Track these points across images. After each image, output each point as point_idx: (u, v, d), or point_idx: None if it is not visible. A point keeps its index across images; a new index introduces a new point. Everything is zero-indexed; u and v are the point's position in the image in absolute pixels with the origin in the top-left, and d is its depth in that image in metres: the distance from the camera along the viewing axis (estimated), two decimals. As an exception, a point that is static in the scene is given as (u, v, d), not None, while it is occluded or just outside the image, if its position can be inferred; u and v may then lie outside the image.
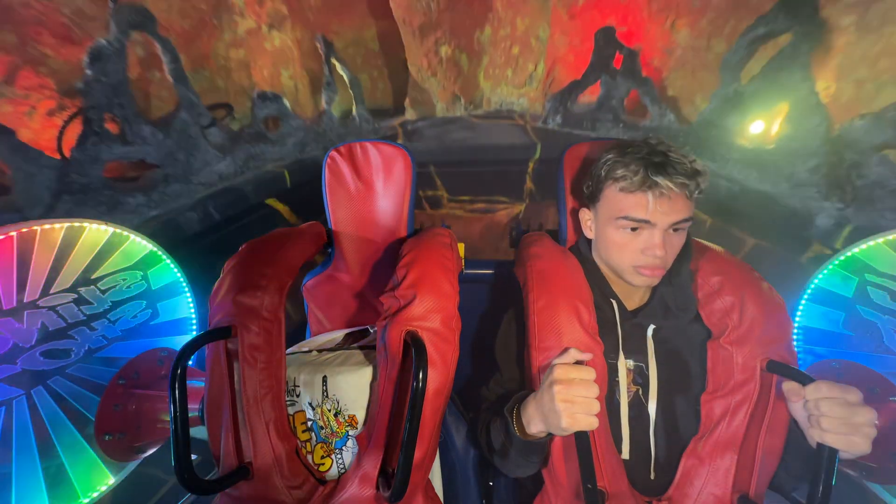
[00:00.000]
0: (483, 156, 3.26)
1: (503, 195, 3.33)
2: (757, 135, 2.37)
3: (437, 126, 3.61)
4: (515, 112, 3.81)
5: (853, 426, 0.56)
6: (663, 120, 2.80)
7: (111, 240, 1.30)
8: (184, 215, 2.14)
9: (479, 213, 3.39)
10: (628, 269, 0.78)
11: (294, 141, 2.96)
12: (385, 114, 3.86)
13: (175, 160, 2.24)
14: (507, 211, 3.38)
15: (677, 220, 0.73)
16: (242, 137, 2.67)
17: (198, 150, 2.35)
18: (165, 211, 2.12)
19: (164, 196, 2.17)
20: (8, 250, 1.12)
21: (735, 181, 2.28)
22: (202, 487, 0.66)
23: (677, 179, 0.71)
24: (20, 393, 1.11)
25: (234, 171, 2.57)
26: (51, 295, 1.17)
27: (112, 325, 1.29)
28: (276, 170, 2.76)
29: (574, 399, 0.59)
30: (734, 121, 2.38)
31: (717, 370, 0.74)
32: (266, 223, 2.72)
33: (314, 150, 3.08)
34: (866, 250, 1.21)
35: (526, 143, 3.22)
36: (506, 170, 3.19)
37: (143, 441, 1.18)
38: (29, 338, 1.13)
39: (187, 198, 2.24)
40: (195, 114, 2.33)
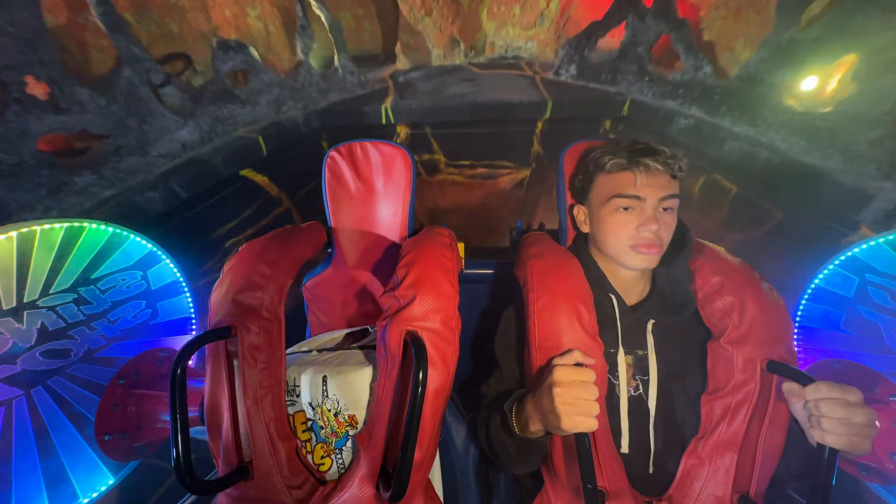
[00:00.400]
0: (485, 115, 2.90)
1: (507, 159, 3.01)
2: (810, 94, 1.91)
3: (432, 77, 3.17)
4: (523, 59, 3.29)
5: (853, 426, 0.56)
6: (698, 73, 2.39)
7: (111, 240, 1.30)
8: (143, 195, 1.85)
9: (481, 178, 3.09)
10: (626, 251, 0.79)
11: (268, 99, 2.57)
12: (373, 62, 3.30)
13: (126, 128, 1.86)
14: (512, 176, 3.07)
15: (665, 194, 0.77)
16: (205, 97, 2.24)
17: (152, 116, 1.96)
18: (122, 190, 1.82)
19: (118, 173, 1.84)
20: (8, 250, 1.11)
21: (777, 151, 1.96)
22: (202, 487, 0.66)
23: (660, 158, 0.77)
24: (20, 393, 1.11)
25: (200, 138, 2.21)
26: (51, 295, 1.17)
27: (112, 325, 1.29)
28: (249, 136, 2.45)
29: (574, 402, 0.60)
30: (784, 76, 1.94)
31: (718, 370, 0.74)
32: (243, 197, 2.51)
33: (292, 109, 2.72)
34: (866, 250, 1.21)
35: (535, 99, 2.85)
36: (511, 131, 2.91)
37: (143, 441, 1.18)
38: (29, 338, 1.13)
39: (146, 173, 1.93)
40: (141, 70, 1.88)
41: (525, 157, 3.03)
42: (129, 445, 1.16)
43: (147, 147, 1.98)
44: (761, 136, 2.06)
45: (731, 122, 2.23)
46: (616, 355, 0.79)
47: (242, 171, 2.40)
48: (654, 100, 2.66)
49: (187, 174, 2.06)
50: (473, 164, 3.06)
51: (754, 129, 2.08)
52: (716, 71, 2.37)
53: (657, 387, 0.76)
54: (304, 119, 2.73)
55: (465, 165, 3.07)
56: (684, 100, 2.51)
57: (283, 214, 2.79)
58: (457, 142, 3.01)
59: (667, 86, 2.54)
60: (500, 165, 3.04)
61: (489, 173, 3.07)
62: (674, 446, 0.75)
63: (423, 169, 3.06)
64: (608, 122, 2.92)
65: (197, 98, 2.23)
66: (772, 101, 2.01)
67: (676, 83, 2.47)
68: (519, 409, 0.70)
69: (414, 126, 2.95)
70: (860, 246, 1.21)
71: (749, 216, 2.15)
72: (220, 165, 2.24)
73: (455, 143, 3.01)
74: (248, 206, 2.56)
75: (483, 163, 3.05)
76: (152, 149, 2.01)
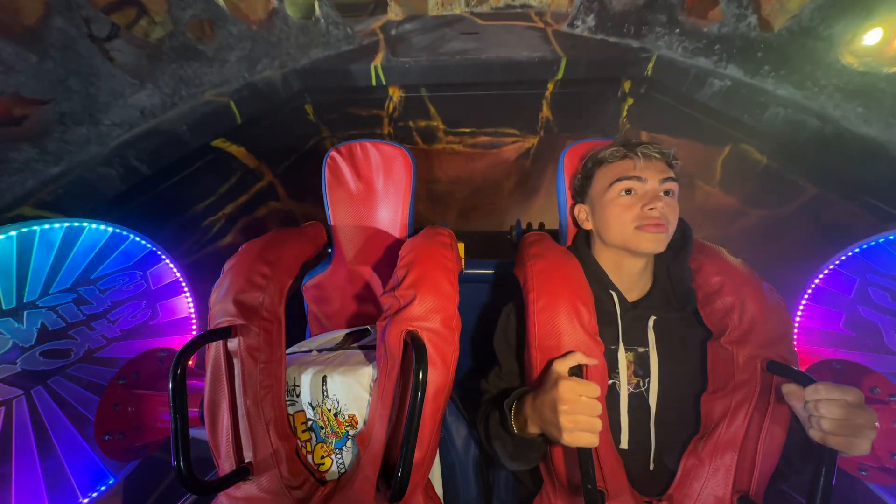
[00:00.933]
0: (489, 75, 2.55)
1: (512, 126, 2.70)
2: (873, 51, 1.54)
3: (429, 30, 2.72)
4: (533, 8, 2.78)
5: (853, 427, 0.56)
6: (739, 24, 1.95)
7: (111, 240, 1.30)
8: (97, 171, 1.57)
9: (483, 148, 2.78)
10: (632, 234, 0.79)
11: (238, 56, 2.15)
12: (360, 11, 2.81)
13: (69, 92, 1.53)
14: (517, 145, 2.77)
15: (665, 176, 0.79)
16: (164, 53, 1.84)
17: (98, 76, 1.60)
18: (71, 166, 1.54)
19: (65, 145, 1.53)
20: (8, 250, 1.11)
21: (828, 119, 1.64)
22: (202, 487, 0.66)
23: (655, 147, 0.81)
24: (20, 393, 1.11)
25: (161, 104, 1.85)
26: (51, 295, 1.17)
27: (112, 325, 1.29)
28: (219, 100, 2.06)
29: (578, 420, 0.60)
30: (842, 28, 1.56)
31: (718, 370, 0.74)
32: (218, 171, 2.21)
33: (268, 68, 2.32)
34: (866, 250, 1.21)
35: (546, 56, 2.48)
36: (517, 94, 2.59)
37: (143, 441, 1.18)
38: (29, 338, 1.13)
39: (99, 145, 1.62)
40: (77, 18, 1.52)
41: (532, 123, 2.67)
42: (129, 445, 1.16)
43: (97, 114, 1.62)
44: (810, 101, 1.71)
45: (774, 84, 1.87)
46: (617, 352, 0.79)
47: (214, 141, 2.07)
48: (685, 56, 2.25)
49: (148, 146, 1.75)
50: (475, 132, 2.72)
51: (802, 92, 1.73)
52: (760, 22, 1.90)
53: (658, 383, 0.76)
54: (282, 80, 2.37)
55: (466, 133, 2.73)
56: (720, 57, 2.08)
57: (265, 189, 2.57)
58: (457, 106, 2.65)
59: (700, 39, 2.11)
60: (504, 133, 2.71)
61: (492, 142, 2.74)
62: (674, 443, 0.75)
63: (419, 138, 2.73)
64: (627, 84, 2.55)
65: (154, 55, 1.80)
66: (825, 60, 1.64)
67: (712, 37, 2.03)
68: (518, 408, 0.70)
69: (408, 88, 2.61)
70: (860, 246, 1.21)
71: (778, 192, 1.99)
72: (187, 135, 1.90)
73: (455, 107, 2.66)
74: (225, 180, 2.29)
75: (485, 130, 2.71)
76: (104, 116, 1.65)
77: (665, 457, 0.75)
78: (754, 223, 2.11)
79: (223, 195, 2.30)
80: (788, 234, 1.92)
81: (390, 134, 2.82)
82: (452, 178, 2.89)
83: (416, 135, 2.73)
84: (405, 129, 2.79)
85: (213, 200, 2.24)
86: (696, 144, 2.38)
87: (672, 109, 2.44)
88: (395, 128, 2.80)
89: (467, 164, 2.80)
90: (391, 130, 2.81)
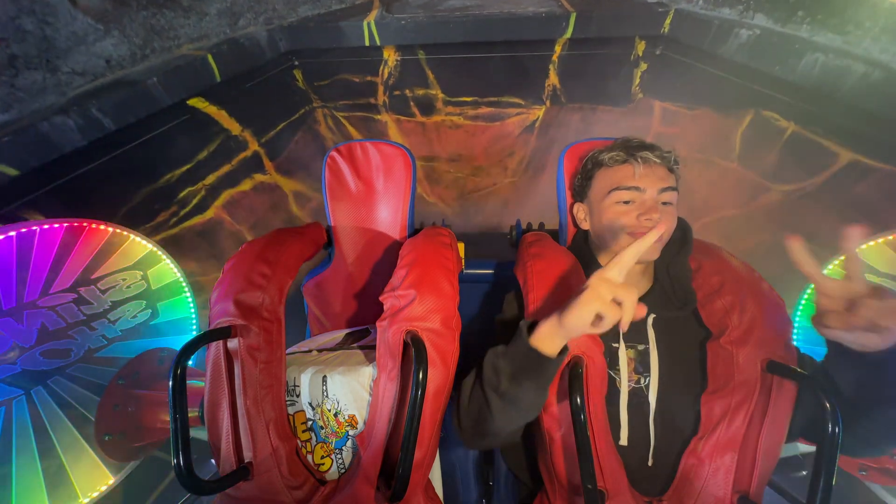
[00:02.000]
0: (491, 33, 2.28)
1: (517, 94, 2.48)
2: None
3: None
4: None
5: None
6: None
7: (111, 240, 1.30)
8: (52, 121, 1.39)
9: (485, 121, 2.57)
10: (626, 241, 0.79)
11: (219, 8, 1.99)
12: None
13: (20, 32, 1.37)
14: (521, 117, 2.55)
15: (664, 185, 0.79)
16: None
17: (55, 17, 1.44)
18: (21, 115, 1.40)
19: (15, 91, 1.39)
20: (8, 250, 1.11)
21: (876, 63, 1.44)
22: (202, 487, 0.66)
23: (655, 152, 0.81)
24: (20, 393, 1.11)
25: (130, 55, 1.67)
26: (51, 295, 1.17)
27: (112, 325, 1.29)
28: (197, 54, 1.87)
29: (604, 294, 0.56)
30: None
31: (717, 370, 0.74)
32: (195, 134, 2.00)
33: (252, 23, 2.16)
34: (866, 250, 1.21)
35: (553, 10, 2.24)
36: (522, 56, 2.37)
37: (143, 441, 1.18)
38: (29, 338, 1.13)
39: (57, 95, 1.46)
40: None
41: (538, 91, 2.46)
42: (129, 445, 1.16)
43: (56, 60, 1.45)
44: (853, 46, 1.54)
45: (809, 32, 1.68)
46: (617, 350, 0.79)
47: (190, 100, 1.84)
48: (707, 8, 2.08)
49: (113, 97, 1.55)
50: (476, 102, 2.51)
51: (843, 37, 1.55)
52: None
53: (658, 380, 0.76)
54: (267, 38, 2.16)
55: (467, 103, 2.53)
56: (746, 6, 1.91)
57: (250, 161, 2.35)
58: (456, 71, 2.44)
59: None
60: (507, 103, 2.50)
61: (495, 113, 2.54)
62: (674, 440, 0.75)
63: (416, 108, 2.53)
64: (641, 46, 2.32)
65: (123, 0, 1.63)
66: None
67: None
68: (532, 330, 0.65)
69: (404, 50, 2.37)
70: (860, 246, 1.21)
71: (805, 163, 1.81)
72: (159, 89, 1.69)
73: (454, 72, 2.45)
74: (204, 145, 2.10)
75: (487, 99, 2.50)
76: (63, 63, 1.47)
77: (664, 454, 0.75)
78: (777, 199, 1.92)
79: (202, 163, 2.09)
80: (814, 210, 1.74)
81: (385, 104, 2.58)
82: (452, 154, 2.69)
83: (413, 105, 2.51)
84: (401, 99, 2.56)
85: (191, 168, 2.04)
86: (714, 116, 2.17)
87: (690, 73, 2.21)
88: (390, 97, 2.56)
89: (468, 140, 2.57)
90: (386, 100, 2.57)
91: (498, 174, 2.67)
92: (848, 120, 1.58)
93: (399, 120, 2.66)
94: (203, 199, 2.12)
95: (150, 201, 1.84)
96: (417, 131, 2.67)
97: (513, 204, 2.76)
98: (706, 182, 2.21)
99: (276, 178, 2.46)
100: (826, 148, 1.68)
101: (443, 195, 2.80)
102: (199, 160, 2.07)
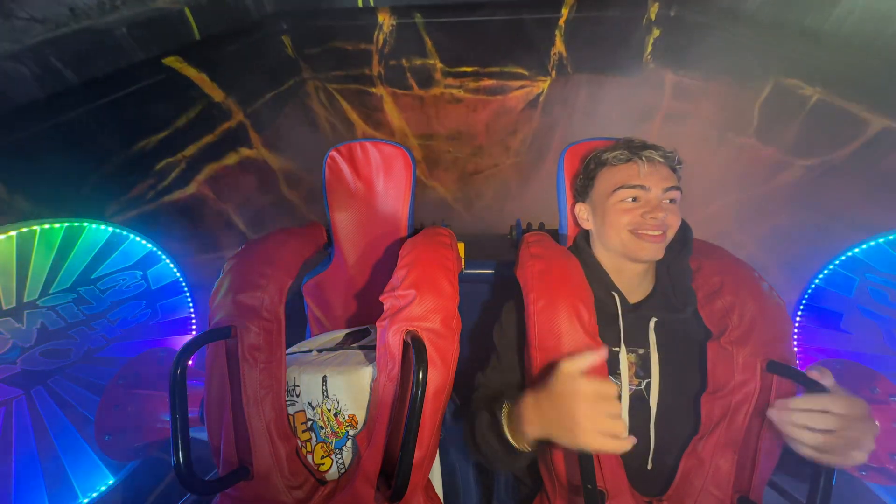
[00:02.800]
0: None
1: (520, 64, 2.31)
2: None
3: None
4: None
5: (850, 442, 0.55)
6: None
7: (111, 240, 1.30)
8: (2, 67, 1.25)
9: (486, 94, 2.41)
10: (630, 239, 0.79)
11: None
12: None
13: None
14: (525, 91, 2.40)
15: (669, 184, 0.79)
16: None
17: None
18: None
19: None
20: (8, 250, 1.11)
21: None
22: (202, 487, 0.66)
23: (659, 151, 0.82)
24: (20, 393, 1.11)
25: (97, 3, 1.51)
26: (51, 295, 1.17)
27: (112, 325, 1.29)
28: (172, 7, 1.69)
29: (600, 420, 0.57)
30: None
31: (718, 371, 0.74)
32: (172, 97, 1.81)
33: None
34: (866, 250, 1.21)
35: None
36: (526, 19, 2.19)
37: (143, 441, 1.18)
38: (29, 338, 1.13)
39: (11, 42, 1.30)
40: None
41: (543, 60, 2.28)
42: (129, 445, 1.16)
43: (9, 4, 1.29)
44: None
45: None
46: (619, 353, 0.79)
47: (166, 58, 1.67)
48: None
49: (77, 48, 1.36)
50: (478, 73, 2.34)
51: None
52: None
53: (659, 384, 0.76)
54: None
55: (468, 74, 2.36)
56: None
57: (235, 132, 2.14)
58: (455, 38, 2.27)
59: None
60: (510, 74, 2.33)
61: (497, 86, 2.38)
62: (674, 443, 0.75)
63: (413, 80, 2.36)
64: (655, 8, 2.18)
65: None
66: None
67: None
68: (513, 412, 0.68)
69: (400, 13, 2.24)
70: (860, 246, 1.21)
71: (830, 133, 1.66)
72: (128, 41, 1.51)
73: (453, 39, 2.28)
74: (182, 112, 1.90)
75: (489, 70, 2.33)
76: (18, 8, 1.30)
77: (664, 457, 0.75)
78: (799, 176, 1.78)
79: (181, 131, 1.91)
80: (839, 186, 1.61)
81: (381, 75, 2.41)
82: (452, 132, 2.54)
83: (410, 76, 2.36)
84: (398, 70, 2.40)
85: (169, 135, 1.86)
86: (730, 88, 2.04)
87: (705, 38, 2.07)
88: (386, 67, 2.39)
89: (469, 116, 2.43)
90: (382, 71, 2.41)
91: (499, 154, 2.50)
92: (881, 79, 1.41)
93: (395, 93, 2.49)
94: (184, 173, 1.95)
95: (123, 170, 1.67)
96: (415, 106, 2.51)
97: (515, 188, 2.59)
98: (720, 161, 2.09)
99: (263, 153, 2.29)
100: (854, 115, 1.53)
101: (442, 178, 2.64)
102: (177, 127, 1.90)
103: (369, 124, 2.54)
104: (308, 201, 2.37)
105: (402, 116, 2.52)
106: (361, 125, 2.51)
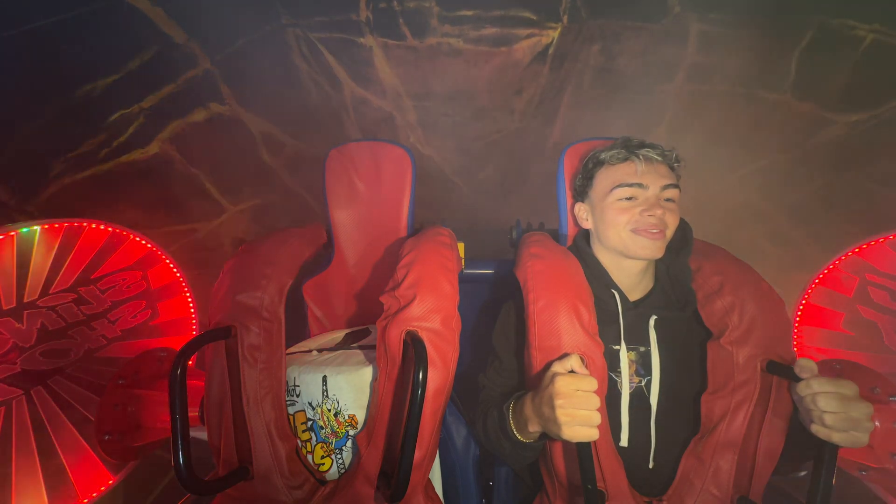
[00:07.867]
0: None
1: (527, 7, 2.03)
2: None
3: None
4: None
5: (851, 421, 0.55)
6: None
7: (111, 240, 1.30)
8: None
9: (489, 45, 2.10)
10: (629, 237, 0.79)
11: None
12: None
13: None
14: (532, 41, 2.09)
15: (667, 182, 0.79)
16: None
17: None
18: None
19: None
20: (8, 250, 1.12)
21: None
22: (202, 487, 0.66)
23: (657, 150, 0.82)
24: (20, 393, 1.11)
25: None
26: (51, 295, 1.17)
27: (112, 325, 1.29)
28: None
29: (575, 414, 0.60)
30: None
31: (718, 370, 0.74)
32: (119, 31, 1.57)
33: None
34: (866, 250, 1.21)
35: None
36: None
37: (143, 441, 1.18)
38: (29, 338, 1.13)
39: None
40: None
41: (554, 3, 1.98)
42: (129, 445, 1.16)
43: None
44: None
45: None
46: (619, 352, 0.79)
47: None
48: None
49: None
50: (479, 19, 2.07)
51: None
52: None
53: (659, 382, 0.76)
54: None
55: (468, 20, 2.06)
56: None
57: (201, 82, 1.82)
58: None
59: None
60: (516, 19, 2.04)
61: (501, 35, 2.09)
62: (674, 442, 0.75)
63: (406, 28, 2.05)
64: None
65: None
66: None
67: None
68: (517, 409, 0.70)
69: None
70: (860, 246, 1.21)
71: (882, 83, 1.49)
72: None
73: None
74: (135, 53, 1.64)
75: (493, 14, 2.04)
76: None
77: (664, 456, 0.75)
78: (842, 135, 1.61)
79: (135, 76, 1.65)
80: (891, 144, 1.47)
81: (369, 21, 2.06)
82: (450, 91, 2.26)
83: (402, 23, 2.02)
84: (388, 13, 2.02)
85: (120, 79, 1.61)
86: (763, 36, 1.76)
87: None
88: (374, 11, 2.04)
89: (469, 71, 2.15)
90: (370, 16, 2.05)
91: (503, 119, 2.22)
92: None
93: (386, 44, 2.15)
94: (143, 128, 1.71)
95: (66, 120, 1.49)
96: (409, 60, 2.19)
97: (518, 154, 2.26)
98: (747, 121, 1.87)
99: (237, 110, 1.97)
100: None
101: (440, 147, 2.37)
102: (129, 70, 1.64)
103: (358, 82, 2.14)
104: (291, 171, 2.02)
105: (396, 73, 2.18)
106: (350, 84, 2.11)
